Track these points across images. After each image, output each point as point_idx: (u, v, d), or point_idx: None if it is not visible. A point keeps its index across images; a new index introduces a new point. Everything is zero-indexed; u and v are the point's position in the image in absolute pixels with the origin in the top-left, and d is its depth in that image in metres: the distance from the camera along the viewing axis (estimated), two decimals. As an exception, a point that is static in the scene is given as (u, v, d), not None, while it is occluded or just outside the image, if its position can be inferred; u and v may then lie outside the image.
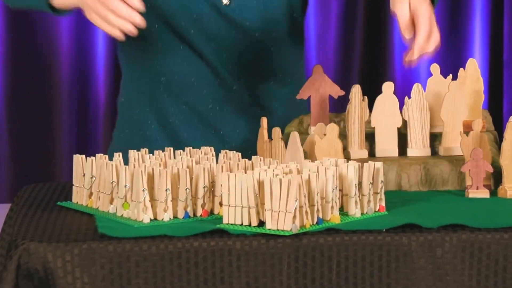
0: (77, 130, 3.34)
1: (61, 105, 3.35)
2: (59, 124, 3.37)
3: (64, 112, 3.35)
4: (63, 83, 3.33)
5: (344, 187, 1.48)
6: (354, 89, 1.75)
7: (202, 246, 1.34)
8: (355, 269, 1.35)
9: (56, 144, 3.38)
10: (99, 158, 1.55)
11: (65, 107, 3.35)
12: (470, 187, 1.64)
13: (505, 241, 1.36)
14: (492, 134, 1.78)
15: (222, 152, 1.62)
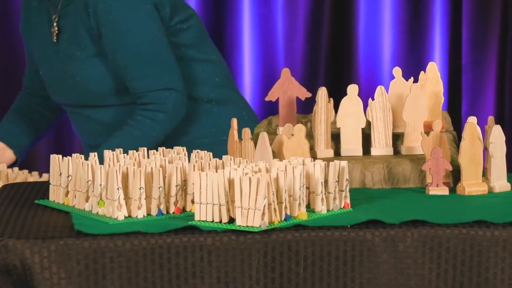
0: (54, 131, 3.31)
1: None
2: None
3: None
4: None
5: (311, 185, 1.48)
6: (320, 92, 1.75)
7: (175, 242, 1.34)
8: (321, 263, 1.36)
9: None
10: (75, 158, 1.54)
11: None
12: (430, 184, 1.64)
13: (463, 236, 1.37)
14: (451, 134, 1.79)
15: (194, 151, 1.61)
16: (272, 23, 3.38)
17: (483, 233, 1.36)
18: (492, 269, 1.36)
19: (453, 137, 1.79)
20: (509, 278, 1.36)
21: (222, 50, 3.37)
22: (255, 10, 3.37)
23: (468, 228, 1.37)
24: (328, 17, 3.37)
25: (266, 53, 3.39)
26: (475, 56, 3.41)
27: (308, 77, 3.37)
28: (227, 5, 3.36)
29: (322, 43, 3.38)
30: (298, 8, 3.38)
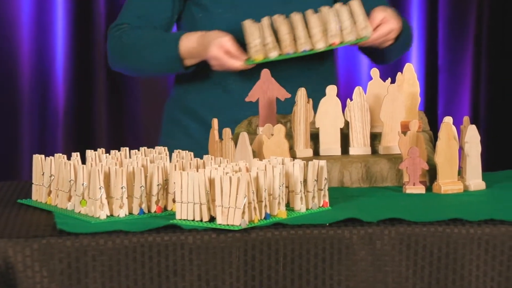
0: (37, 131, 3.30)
1: (22, 107, 3.31)
2: (20, 125, 3.33)
3: (24, 113, 3.31)
4: (23, 84, 3.29)
5: (290, 184, 1.48)
6: (299, 92, 1.75)
7: (156, 241, 1.34)
8: (301, 261, 1.36)
9: (17, 144, 3.34)
10: (57, 158, 1.53)
11: (26, 109, 3.31)
12: (407, 183, 1.65)
13: (439, 234, 1.37)
14: (427, 134, 1.80)
15: (175, 151, 1.61)
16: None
17: (459, 231, 1.37)
18: (467, 266, 1.36)
19: (429, 137, 1.79)
20: (483, 275, 1.36)
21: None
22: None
23: (444, 226, 1.38)
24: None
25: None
26: (451, 57, 3.43)
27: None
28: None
29: (302, 45, 3.38)
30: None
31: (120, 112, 3.36)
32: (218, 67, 1.96)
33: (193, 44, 1.99)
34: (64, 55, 3.30)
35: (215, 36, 1.95)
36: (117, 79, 3.34)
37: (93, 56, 3.30)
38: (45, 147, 3.29)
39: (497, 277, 1.36)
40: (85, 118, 3.31)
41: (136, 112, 3.36)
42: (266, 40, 1.88)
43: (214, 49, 1.93)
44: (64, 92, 3.32)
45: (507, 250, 1.36)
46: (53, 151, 3.11)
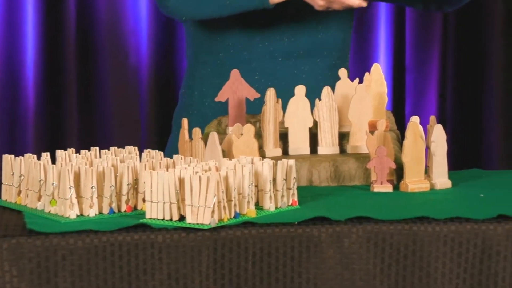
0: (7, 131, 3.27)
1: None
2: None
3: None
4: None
5: (260, 183, 1.48)
6: (268, 92, 1.75)
7: (126, 240, 1.33)
8: (270, 260, 1.36)
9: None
10: (27, 157, 1.52)
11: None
12: (375, 182, 1.65)
13: (406, 232, 1.38)
14: (395, 133, 1.81)
15: (145, 151, 1.61)
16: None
17: (425, 228, 1.38)
18: (433, 263, 1.37)
19: (396, 136, 1.80)
20: (449, 272, 1.37)
21: (173, 51, 3.36)
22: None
23: (410, 224, 1.38)
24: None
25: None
26: (418, 58, 3.45)
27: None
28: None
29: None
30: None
31: (90, 112, 3.34)
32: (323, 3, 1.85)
33: None
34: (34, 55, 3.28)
35: None
36: (88, 79, 3.33)
37: (63, 56, 3.28)
38: (15, 147, 3.27)
39: (462, 274, 1.37)
40: (55, 118, 3.29)
41: (106, 112, 3.35)
42: None
43: None
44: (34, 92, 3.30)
45: (472, 248, 1.37)
46: (23, 151, 3.08)
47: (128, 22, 3.33)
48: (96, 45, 3.33)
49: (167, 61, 3.37)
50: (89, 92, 3.34)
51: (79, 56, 3.31)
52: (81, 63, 3.31)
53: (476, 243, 1.37)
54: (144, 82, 3.36)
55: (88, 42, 3.32)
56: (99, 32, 3.32)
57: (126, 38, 3.33)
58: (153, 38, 3.34)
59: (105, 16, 3.31)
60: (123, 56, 3.33)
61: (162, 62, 3.37)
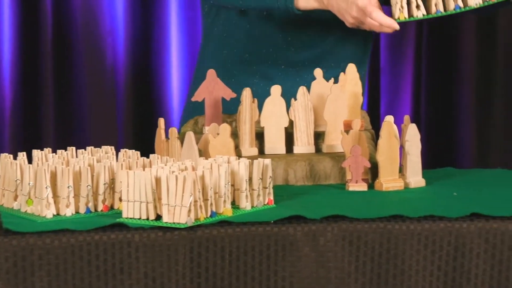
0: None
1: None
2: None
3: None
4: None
5: (236, 182, 1.48)
6: (245, 92, 1.76)
7: (103, 239, 1.32)
8: (246, 258, 1.36)
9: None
10: (4, 157, 1.51)
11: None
12: (350, 181, 1.66)
13: (381, 230, 1.38)
14: (369, 133, 1.81)
15: (122, 151, 1.60)
16: (199, 26, 3.37)
17: (399, 227, 1.38)
18: (407, 261, 1.38)
19: (371, 136, 1.81)
20: (423, 269, 1.38)
21: (150, 52, 3.35)
22: (182, 13, 3.36)
23: (385, 222, 1.39)
24: (253, 21, 3.38)
25: (193, 55, 3.38)
26: (393, 59, 3.46)
27: (233, 78, 3.37)
28: (155, 8, 3.34)
29: (247, 46, 3.39)
30: (224, 11, 3.38)
31: (67, 112, 3.33)
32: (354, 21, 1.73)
33: None
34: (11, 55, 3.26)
35: None
36: (65, 79, 3.31)
37: (40, 56, 3.26)
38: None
39: (436, 272, 1.38)
40: (32, 118, 3.27)
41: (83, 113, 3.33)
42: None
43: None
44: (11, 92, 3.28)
45: (446, 246, 1.38)
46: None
47: (105, 22, 3.31)
48: (72, 45, 3.31)
49: (144, 61, 3.36)
50: (66, 92, 3.32)
51: (55, 56, 3.29)
52: (57, 63, 3.30)
53: (449, 241, 1.38)
54: (121, 82, 3.35)
55: (65, 42, 3.31)
56: (75, 32, 3.30)
57: (103, 38, 3.32)
58: (130, 38, 3.33)
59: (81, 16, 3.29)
60: (99, 56, 3.32)
61: (139, 62, 3.36)
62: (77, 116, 3.33)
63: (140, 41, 3.34)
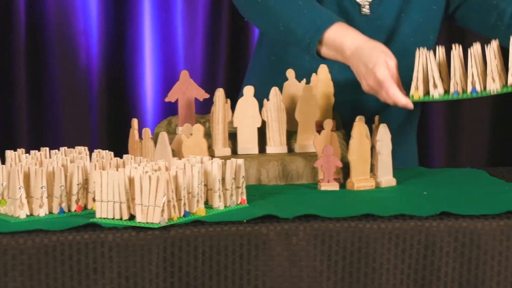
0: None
1: None
2: None
3: None
4: None
5: (209, 182, 1.48)
6: (217, 93, 1.76)
7: (76, 239, 1.32)
8: (219, 257, 1.36)
9: None
10: (-24, 157, 1.50)
11: None
12: (322, 180, 1.66)
13: (352, 229, 1.39)
14: (341, 133, 1.82)
15: (95, 151, 1.59)
16: (172, 28, 3.37)
17: (371, 226, 1.39)
18: (378, 259, 1.38)
19: (343, 136, 1.81)
20: (394, 267, 1.39)
21: (124, 53, 3.34)
22: (155, 14, 3.35)
23: (356, 221, 1.40)
24: (226, 22, 3.38)
25: (166, 56, 3.37)
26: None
27: (207, 79, 3.37)
28: (128, 9, 3.33)
29: (221, 47, 3.39)
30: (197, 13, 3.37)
31: (40, 113, 3.31)
32: (369, 89, 1.63)
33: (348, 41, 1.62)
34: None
35: (384, 52, 1.61)
36: (38, 79, 3.29)
37: (13, 57, 3.24)
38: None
39: (406, 270, 1.39)
40: (5, 119, 3.25)
41: (57, 113, 3.31)
42: (429, 74, 1.56)
43: (382, 68, 1.58)
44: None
45: (416, 244, 1.39)
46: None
47: (78, 22, 3.30)
48: (46, 46, 3.29)
49: (117, 62, 3.35)
50: (39, 92, 3.30)
51: (29, 57, 3.27)
52: (31, 63, 3.28)
53: (419, 240, 1.39)
54: (95, 82, 3.33)
55: (38, 43, 3.29)
56: (48, 33, 3.29)
57: (76, 39, 3.30)
58: (104, 38, 3.32)
59: (54, 17, 3.27)
60: (73, 56, 3.30)
61: (113, 62, 3.35)
62: (51, 117, 3.31)
63: (113, 42, 3.33)
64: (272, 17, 1.69)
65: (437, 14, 1.91)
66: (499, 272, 1.39)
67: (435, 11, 1.90)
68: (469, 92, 1.50)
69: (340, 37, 1.61)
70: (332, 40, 1.62)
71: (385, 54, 1.60)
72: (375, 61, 1.58)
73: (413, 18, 1.89)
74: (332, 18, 1.64)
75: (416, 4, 1.88)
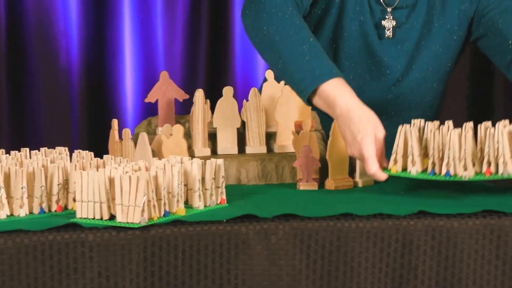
0: None
1: None
2: None
3: None
4: None
5: (189, 182, 1.48)
6: (197, 93, 1.76)
7: (57, 239, 1.32)
8: (199, 257, 1.36)
9: None
10: (-43, 158, 1.49)
11: None
12: (301, 180, 1.67)
13: (331, 228, 1.39)
14: (320, 133, 1.82)
15: (76, 152, 1.59)
16: (152, 28, 3.36)
17: (349, 225, 1.39)
18: (356, 258, 1.39)
19: (321, 136, 1.82)
20: (372, 266, 1.39)
21: (104, 54, 3.33)
22: (135, 15, 3.34)
23: (335, 220, 1.40)
24: (205, 23, 3.38)
25: (146, 57, 3.37)
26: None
27: (186, 79, 3.37)
28: (108, 10, 3.32)
29: (200, 48, 3.39)
30: (177, 14, 3.37)
31: (21, 114, 3.29)
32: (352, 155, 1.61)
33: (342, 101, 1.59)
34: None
35: (373, 124, 1.58)
36: (19, 80, 3.27)
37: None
38: None
39: (384, 268, 1.39)
40: (-15, 119, 3.23)
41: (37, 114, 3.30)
42: (409, 149, 1.53)
43: (369, 144, 1.56)
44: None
45: (394, 243, 1.39)
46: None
47: (58, 23, 3.29)
48: (26, 47, 3.28)
49: (97, 62, 3.34)
50: (20, 93, 3.29)
51: (9, 58, 3.25)
52: (11, 65, 3.26)
53: (397, 238, 1.39)
54: (75, 83, 3.32)
55: (19, 44, 3.27)
56: (29, 34, 3.27)
57: (57, 40, 3.29)
58: (84, 39, 3.31)
59: (35, 18, 3.26)
60: (53, 57, 3.29)
61: (93, 63, 3.34)
62: (31, 118, 3.30)
63: (94, 43, 3.32)
64: (273, 52, 1.68)
65: (457, 44, 1.94)
66: (475, 270, 1.40)
67: (455, 41, 1.93)
68: (443, 174, 1.50)
69: (334, 94, 1.60)
70: (325, 94, 1.60)
71: (374, 126, 1.57)
72: (363, 134, 1.56)
73: (432, 47, 1.92)
74: (332, 72, 1.62)
75: (436, 33, 1.91)
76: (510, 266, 1.40)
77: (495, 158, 1.45)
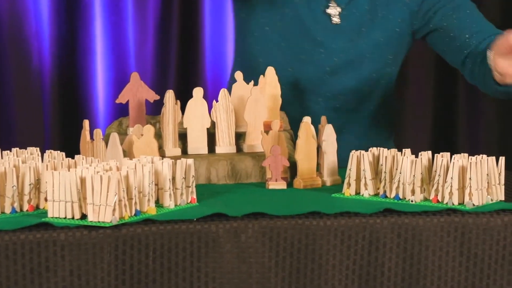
0: None
1: None
2: None
3: None
4: None
5: (160, 181, 1.48)
6: (168, 94, 1.75)
7: (28, 238, 1.30)
8: (170, 255, 1.35)
9: None
10: None
11: None
12: (270, 179, 1.67)
13: (299, 226, 1.39)
14: (288, 133, 1.83)
15: (47, 152, 1.58)
16: (123, 30, 3.35)
17: (317, 223, 1.40)
18: (324, 255, 1.39)
19: (290, 136, 1.82)
20: (339, 263, 1.40)
21: (75, 55, 3.31)
22: (106, 18, 3.33)
23: (303, 219, 1.40)
24: (176, 25, 3.37)
25: (117, 58, 3.35)
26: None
27: (157, 80, 3.36)
28: (80, 12, 3.30)
29: (171, 49, 3.38)
30: (147, 16, 3.36)
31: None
32: None
33: None
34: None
35: None
36: (-10, 81, 3.24)
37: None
38: None
39: (351, 265, 1.40)
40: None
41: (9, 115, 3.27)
42: (361, 174, 1.55)
43: None
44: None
45: (361, 240, 1.40)
46: None
47: (30, 24, 3.26)
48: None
49: (69, 63, 3.32)
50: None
51: (-19, 59, 3.22)
52: (-17, 65, 3.23)
53: (364, 236, 1.40)
54: (47, 84, 3.30)
55: (-10, 45, 3.24)
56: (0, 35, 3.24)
57: (28, 41, 3.26)
58: (55, 40, 3.28)
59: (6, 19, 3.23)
60: (25, 58, 3.26)
61: (65, 64, 3.31)
62: (3, 118, 3.26)
63: (65, 44, 3.30)
64: None
65: (399, 36, 1.96)
66: (440, 266, 1.41)
67: (397, 33, 1.95)
68: (392, 197, 1.51)
69: None
70: None
71: None
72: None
73: (372, 35, 1.94)
74: None
75: (379, 23, 1.93)
76: (474, 262, 1.41)
77: (442, 187, 1.47)
